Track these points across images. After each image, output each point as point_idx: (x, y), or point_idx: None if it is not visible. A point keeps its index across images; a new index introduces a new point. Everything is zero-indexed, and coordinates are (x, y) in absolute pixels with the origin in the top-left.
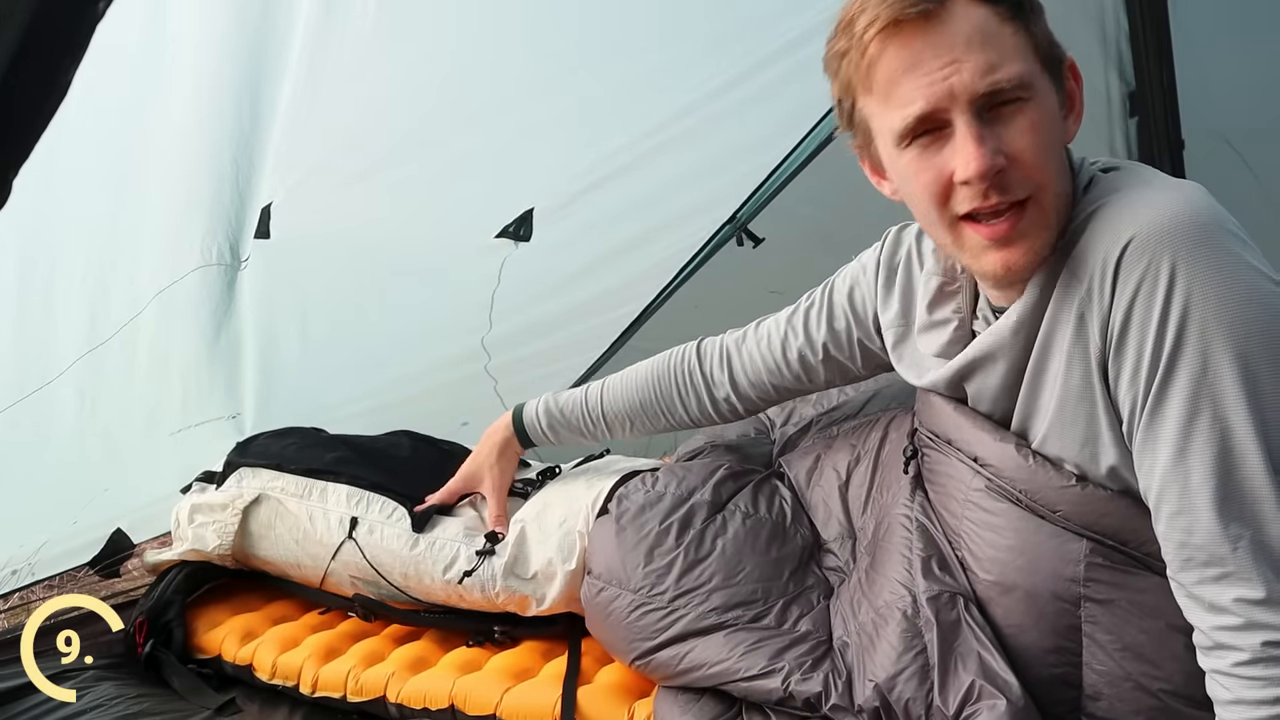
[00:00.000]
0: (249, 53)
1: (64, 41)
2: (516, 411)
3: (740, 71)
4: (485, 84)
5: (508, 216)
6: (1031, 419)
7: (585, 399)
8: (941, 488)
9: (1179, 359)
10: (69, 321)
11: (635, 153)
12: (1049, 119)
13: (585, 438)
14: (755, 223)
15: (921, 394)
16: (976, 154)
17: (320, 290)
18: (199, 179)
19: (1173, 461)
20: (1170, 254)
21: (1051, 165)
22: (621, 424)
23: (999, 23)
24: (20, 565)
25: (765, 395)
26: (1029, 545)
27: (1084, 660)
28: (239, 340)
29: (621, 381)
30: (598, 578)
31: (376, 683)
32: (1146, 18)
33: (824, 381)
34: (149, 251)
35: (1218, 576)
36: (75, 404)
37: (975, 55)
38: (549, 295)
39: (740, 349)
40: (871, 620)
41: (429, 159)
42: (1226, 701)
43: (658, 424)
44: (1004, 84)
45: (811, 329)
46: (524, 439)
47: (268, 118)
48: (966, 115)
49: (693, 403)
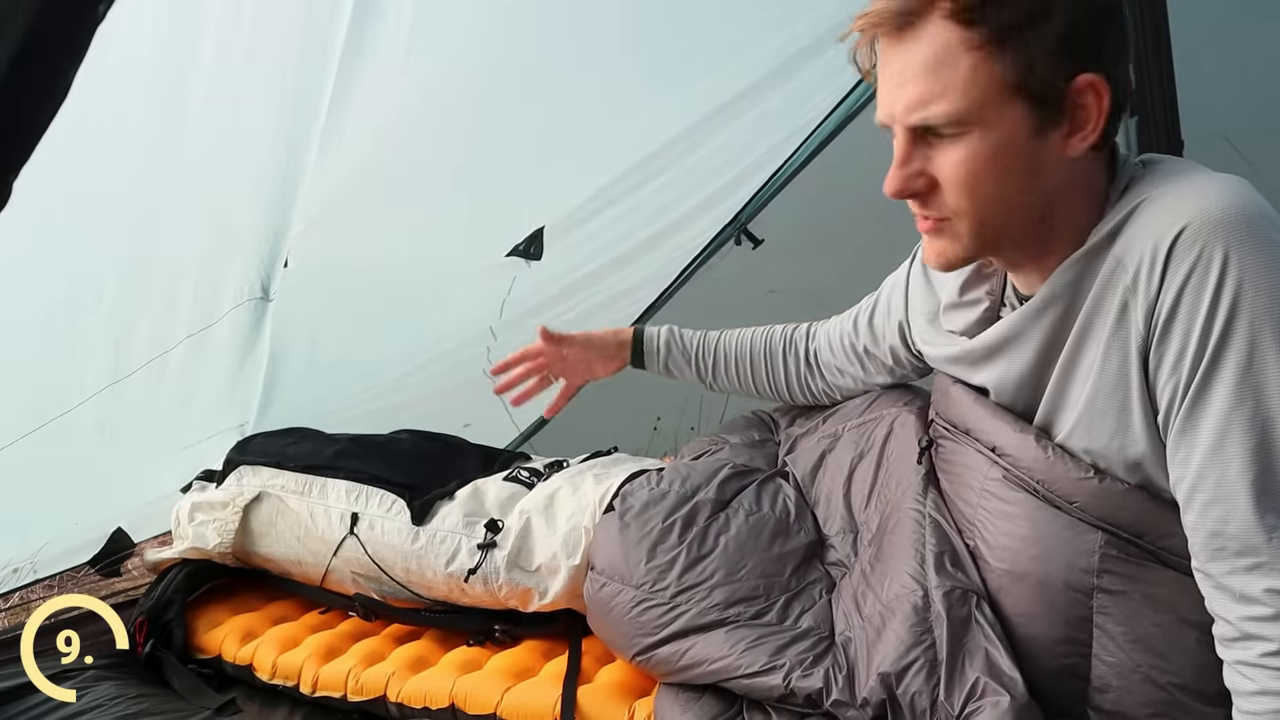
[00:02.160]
0: (290, 93)
1: (65, 43)
2: (638, 329)
3: (748, 81)
4: (497, 111)
5: (519, 235)
6: (1059, 410)
7: (704, 335)
8: (957, 477)
9: (1226, 347)
10: (94, 354)
11: (644, 170)
12: (992, 149)
13: (691, 368)
14: (755, 224)
15: (939, 384)
16: (892, 175)
17: (330, 306)
18: (241, 217)
19: (1212, 450)
20: (1224, 243)
21: (980, 195)
22: (727, 364)
23: (963, 51)
24: (21, 564)
25: (834, 381)
26: (1044, 535)
27: (1094, 651)
28: (258, 365)
29: (738, 333)
30: (600, 573)
31: (377, 682)
32: (1146, 18)
33: (873, 372)
34: (184, 286)
35: (1250, 567)
36: (94, 432)
37: (917, 84)
38: (554, 302)
39: (822, 331)
40: (879, 613)
41: (442, 184)
42: (1250, 693)
43: (759, 378)
44: (932, 120)
45: (861, 326)
46: (637, 350)
47: (302, 153)
48: (900, 136)
49: (793, 370)
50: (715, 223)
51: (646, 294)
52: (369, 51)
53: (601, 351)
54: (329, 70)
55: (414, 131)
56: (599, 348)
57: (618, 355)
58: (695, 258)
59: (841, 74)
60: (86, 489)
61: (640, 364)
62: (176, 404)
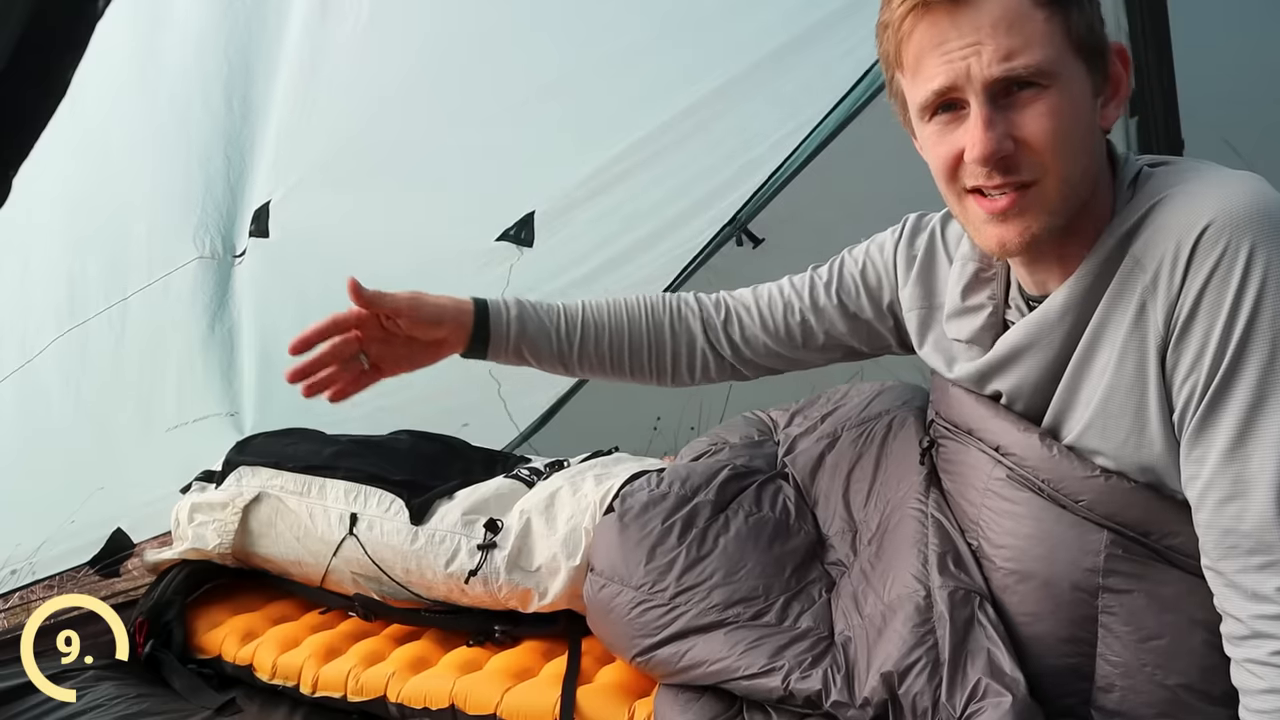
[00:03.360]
0: (239, 48)
1: (63, 41)
2: (480, 299)
3: (739, 71)
4: (485, 86)
5: (508, 219)
6: (1069, 411)
7: (562, 303)
8: (960, 477)
9: (1249, 345)
10: (50, 304)
11: (636, 157)
12: (1071, 106)
13: (552, 344)
14: (756, 224)
15: (938, 385)
16: (983, 138)
17: (319, 290)
18: (190, 172)
19: (1230, 447)
20: (1250, 239)
21: (1066, 152)
22: (599, 337)
23: (1030, 7)
24: (20, 564)
25: (756, 353)
26: (1049, 534)
27: (1098, 651)
28: (235, 336)
29: (607, 300)
30: (600, 574)
31: (377, 682)
32: (1146, 18)
33: (819, 348)
34: (135, 239)
35: (1262, 565)
36: (60, 386)
37: (996, 39)
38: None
39: (738, 301)
40: (880, 612)
41: (428, 160)
42: (1259, 690)
43: (636, 355)
44: (1020, 71)
45: (819, 296)
46: (481, 325)
47: (259, 113)
48: (980, 98)
49: (684, 347)
50: (715, 221)
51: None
52: (333, 10)
53: (433, 327)
54: (285, 26)
55: (392, 102)
56: (432, 317)
57: (453, 335)
58: (695, 258)
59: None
60: (69, 463)
61: (481, 347)
62: (146, 364)
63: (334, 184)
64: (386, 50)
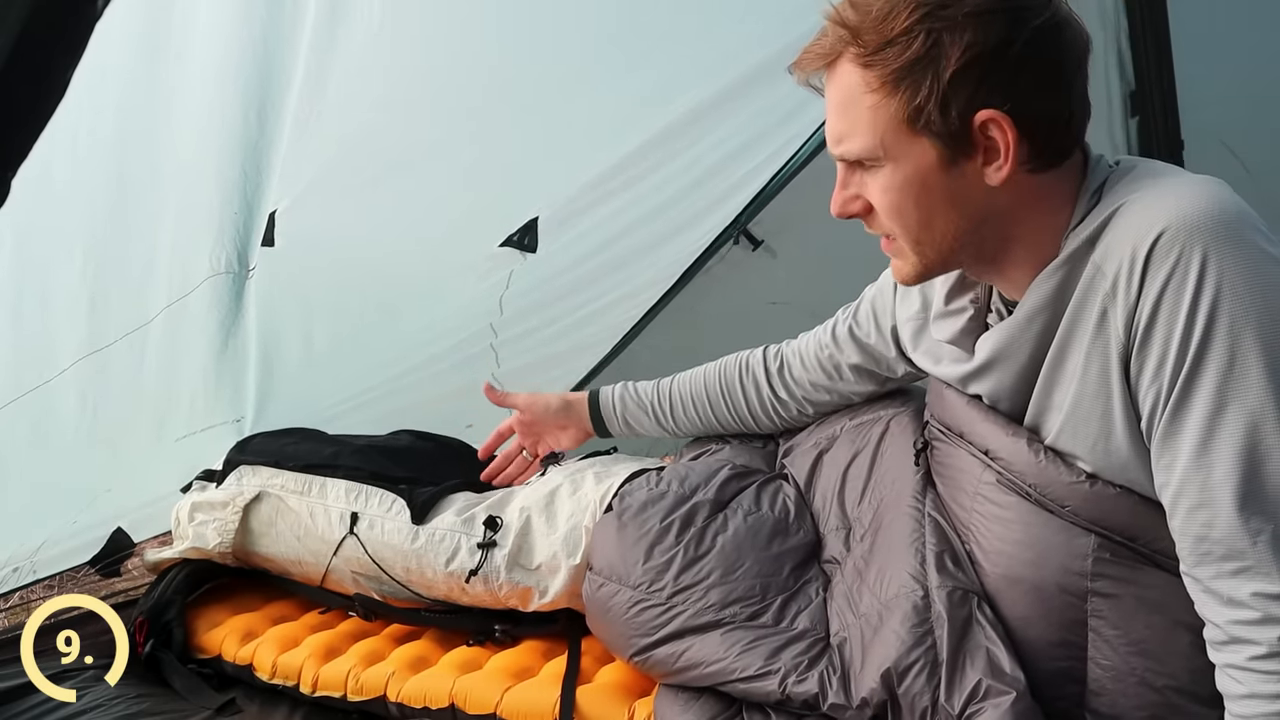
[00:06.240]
0: (257, 60)
1: (62, 41)
2: (592, 392)
3: (740, 72)
4: (490, 91)
5: (512, 225)
6: (1045, 415)
7: (658, 382)
8: (952, 480)
9: (1207, 351)
10: (71, 325)
11: (640, 163)
12: (907, 181)
13: (650, 417)
14: (756, 224)
15: (934, 387)
16: (834, 198)
17: (324, 297)
18: (209, 187)
19: (1195, 454)
20: (1202, 246)
21: (909, 219)
22: (685, 406)
23: (863, 93)
24: (21, 564)
25: (806, 392)
26: (1037, 539)
27: (1089, 655)
28: (245, 347)
29: (692, 372)
30: (598, 573)
31: (377, 682)
32: (1146, 18)
33: (852, 379)
34: (158, 257)
35: (1236, 570)
36: (77, 408)
37: (833, 121)
38: (554, 301)
39: (790, 348)
40: (877, 611)
41: (433, 166)
42: (1240, 696)
43: (719, 412)
44: (847, 155)
45: (839, 330)
46: (595, 414)
47: (275, 125)
48: (839, 163)
49: (753, 396)
50: (718, 224)
51: (649, 296)
52: (343, 20)
53: (553, 418)
54: (299, 34)
55: (396, 109)
56: (547, 413)
57: (573, 423)
58: (696, 261)
59: None
60: (74, 469)
61: (601, 428)
62: (163, 383)
63: (338, 191)
64: (393, 59)
